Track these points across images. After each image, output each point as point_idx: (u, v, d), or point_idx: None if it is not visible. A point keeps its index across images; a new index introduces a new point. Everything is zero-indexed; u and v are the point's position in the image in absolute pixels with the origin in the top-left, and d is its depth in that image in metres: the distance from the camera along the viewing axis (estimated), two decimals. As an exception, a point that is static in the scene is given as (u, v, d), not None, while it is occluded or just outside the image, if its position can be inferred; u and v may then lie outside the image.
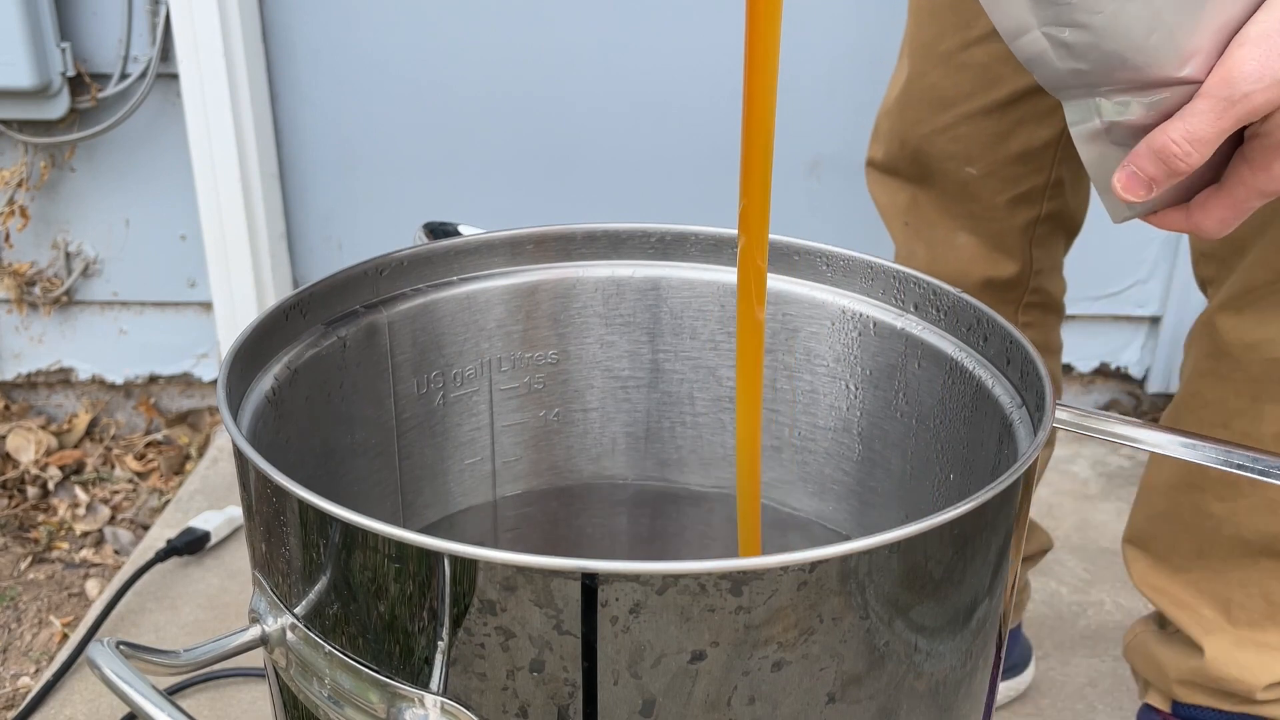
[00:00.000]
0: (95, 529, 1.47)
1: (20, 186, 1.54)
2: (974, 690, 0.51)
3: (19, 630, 1.29)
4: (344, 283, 0.64)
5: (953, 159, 0.90)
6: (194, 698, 1.10)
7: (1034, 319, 0.98)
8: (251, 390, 0.58)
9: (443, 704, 0.45)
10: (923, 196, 0.94)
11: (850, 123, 1.57)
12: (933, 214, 0.94)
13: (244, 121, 1.51)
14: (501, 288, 0.71)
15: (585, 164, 1.59)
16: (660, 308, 0.73)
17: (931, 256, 0.95)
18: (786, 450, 0.74)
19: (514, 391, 0.73)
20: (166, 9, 1.45)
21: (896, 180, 0.96)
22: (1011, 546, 0.50)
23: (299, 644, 0.49)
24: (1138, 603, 1.25)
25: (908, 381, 0.66)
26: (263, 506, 0.48)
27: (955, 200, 0.92)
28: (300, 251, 1.66)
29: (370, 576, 0.44)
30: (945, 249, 0.94)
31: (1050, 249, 0.96)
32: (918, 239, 0.96)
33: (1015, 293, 0.96)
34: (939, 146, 0.90)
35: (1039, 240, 0.94)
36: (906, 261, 0.96)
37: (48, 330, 1.66)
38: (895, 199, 0.96)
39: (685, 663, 0.42)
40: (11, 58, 1.40)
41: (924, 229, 0.95)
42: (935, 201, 0.93)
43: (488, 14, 1.51)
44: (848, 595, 0.43)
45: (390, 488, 0.70)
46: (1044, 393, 0.53)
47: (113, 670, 0.47)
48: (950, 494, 0.64)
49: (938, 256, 0.95)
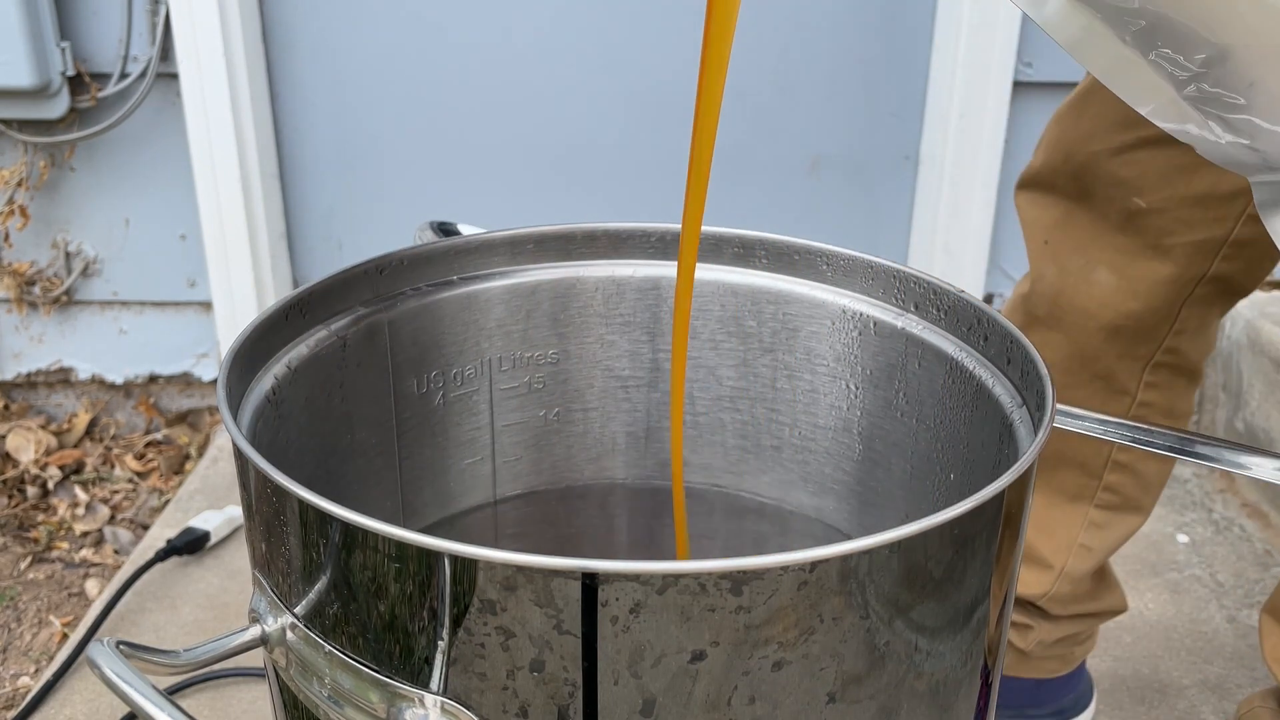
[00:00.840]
0: (95, 529, 1.47)
1: (20, 186, 1.54)
2: (974, 690, 0.51)
3: (19, 630, 1.29)
4: (344, 283, 0.64)
5: (1121, 185, 0.79)
6: (194, 698, 1.10)
7: (1161, 380, 0.87)
8: (251, 390, 0.58)
9: (443, 704, 0.45)
10: (1075, 218, 0.84)
11: (850, 123, 1.57)
12: (1080, 239, 0.84)
13: (244, 121, 1.51)
14: (501, 288, 0.71)
15: (585, 164, 1.59)
16: (660, 307, 0.73)
17: (1061, 285, 0.85)
18: (786, 450, 0.74)
19: (514, 391, 0.73)
20: (166, 9, 1.45)
21: (1050, 195, 0.86)
22: (1012, 545, 0.50)
23: (299, 644, 0.49)
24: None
25: (908, 381, 0.66)
26: (263, 506, 0.48)
27: (1110, 232, 0.82)
28: (300, 251, 1.66)
29: (370, 576, 0.44)
30: (1078, 280, 0.84)
31: (1203, 310, 0.84)
32: (1051, 261, 0.86)
33: (1145, 347, 0.85)
34: (1108, 169, 0.80)
35: (1196, 299, 0.83)
36: (1035, 282, 0.88)
37: (47, 330, 1.66)
38: (1043, 214, 0.86)
39: (685, 662, 0.42)
40: (11, 57, 1.40)
41: (1064, 253, 0.85)
42: (1087, 228, 0.83)
43: (488, 14, 1.51)
44: (848, 595, 0.43)
45: (390, 488, 0.70)
46: (1044, 392, 0.53)
47: (112, 670, 0.47)
48: (950, 494, 0.64)
49: (1067, 286, 0.85)
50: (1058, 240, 0.85)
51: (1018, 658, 1.01)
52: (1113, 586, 1.01)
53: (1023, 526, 0.51)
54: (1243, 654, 1.18)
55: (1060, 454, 0.92)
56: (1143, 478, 0.93)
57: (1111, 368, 0.87)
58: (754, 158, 1.56)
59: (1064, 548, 0.94)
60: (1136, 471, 0.92)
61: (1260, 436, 1.46)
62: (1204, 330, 0.87)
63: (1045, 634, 0.99)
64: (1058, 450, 0.92)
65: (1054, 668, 1.02)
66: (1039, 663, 1.02)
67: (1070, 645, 1.02)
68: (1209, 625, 1.22)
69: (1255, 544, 1.37)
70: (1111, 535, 0.95)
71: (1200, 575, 1.31)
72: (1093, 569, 0.96)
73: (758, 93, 1.52)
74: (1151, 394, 0.88)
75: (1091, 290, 0.84)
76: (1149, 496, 0.95)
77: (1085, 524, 0.94)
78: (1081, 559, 0.94)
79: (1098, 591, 0.99)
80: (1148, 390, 0.87)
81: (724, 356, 0.73)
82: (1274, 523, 1.41)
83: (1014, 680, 1.03)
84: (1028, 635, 0.99)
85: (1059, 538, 0.94)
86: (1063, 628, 0.99)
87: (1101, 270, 0.83)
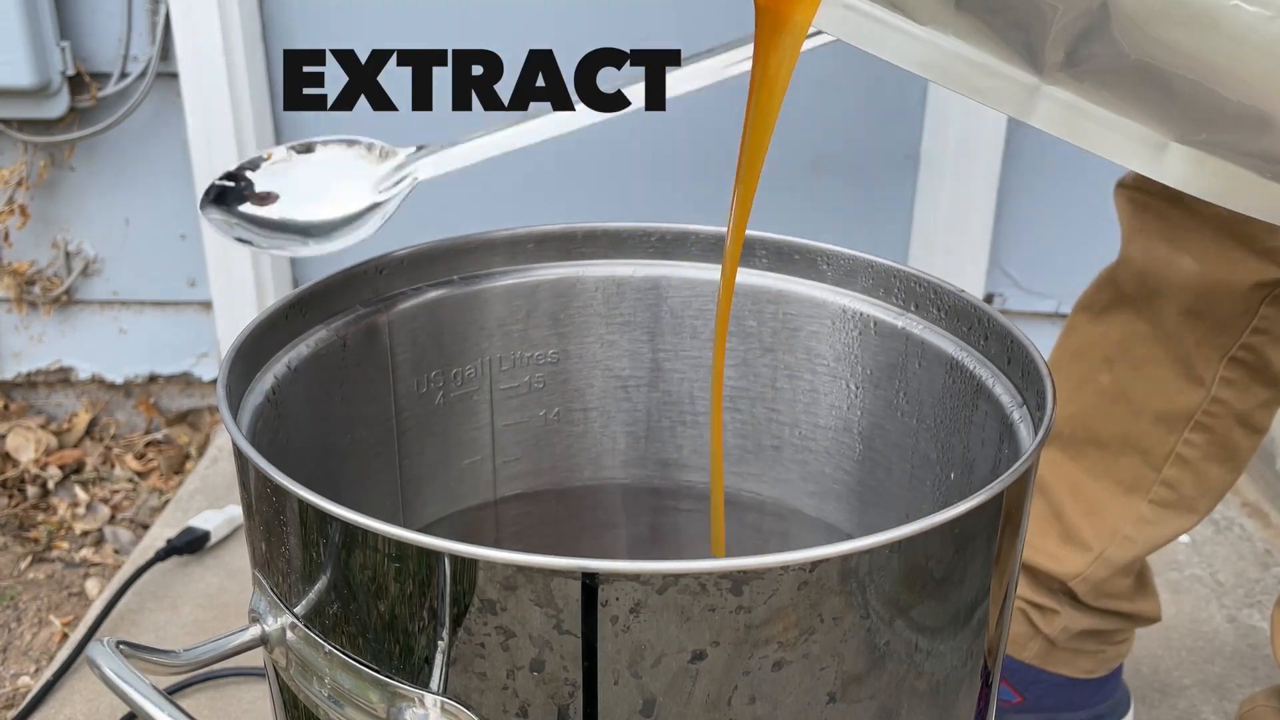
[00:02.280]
0: (95, 528, 1.47)
1: (20, 185, 1.54)
2: (974, 690, 0.51)
3: (19, 630, 1.29)
4: (344, 282, 0.64)
5: None
6: (194, 698, 1.10)
7: (1238, 378, 0.88)
8: (251, 390, 0.58)
9: (443, 703, 0.45)
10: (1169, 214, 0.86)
11: (850, 123, 1.57)
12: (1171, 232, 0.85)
13: (244, 121, 1.51)
14: (501, 287, 0.71)
15: (585, 164, 1.59)
16: (660, 307, 0.73)
17: (1146, 266, 0.87)
18: (787, 450, 0.74)
19: (514, 391, 0.73)
20: (166, 8, 1.45)
21: (1145, 194, 0.88)
22: (1012, 545, 0.50)
23: (299, 643, 0.49)
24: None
25: (908, 381, 0.66)
26: (263, 506, 0.48)
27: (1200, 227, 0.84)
28: (300, 251, 1.66)
29: (370, 576, 0.44)
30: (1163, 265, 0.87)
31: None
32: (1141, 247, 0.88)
33: (1224, 338, 0.87)
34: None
35: (1276, 299, 0.84)
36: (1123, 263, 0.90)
37: (47, 330, 1.66)
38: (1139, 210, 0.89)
39: (685, 662, 0.42)
40: (11, 57, 1.40)
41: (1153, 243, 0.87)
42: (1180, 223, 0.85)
43: (488, 14, 1.51)
44: (848, 595, 0.43)
45: (390, 488, 0.70)
46: (1045, 392, 0.53)
47: (112, 669, 0.47)
48: (950, 493, 0.64)
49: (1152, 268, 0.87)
50: (1151, 230, 0.88)
51: (1045, 647, 0.99)
52: (1150, 593, 1.00)
53: (1023, 526, 0.51)
54: (1243, 654, 1.18)
55: (1125, 438, 0.92)
56: (1204, 479, 0.92)
57: (1190, 353, 0.88)
58: (754, 157, 1.56)
59: (1107, 534, 0.93)
60: (1199, 471, 0.91)
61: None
62: None
63: (1071, 621, 0.97)
64: (1125, 432, 0.92)
65: (1088, 667, 1.00)
66: (1068, 657, 0.99)
67: (1101, 642, 1.00)
68: (1209, 625, 1.22)
69: (1256, 544, 1.37)
70: (1159, 532, 0.93)
71: (1201, 575, 1.31)
72: (1130, 561, 0.94)
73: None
74: (1227, 391, 0.88)
75: (1173, 275, 0.86)
76: (1205, 500, 0.93)
77: (1135, 518, 0.93)
78: (1122, 548, 0.93)
79: (1133, 593, 0.98)
80: (1223, 386, 0.88)
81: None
82: (1274, 522, 1.41)
83: (1045, 675, 1.00)
84: (1053, 621, 0.97)
85: (1106, 524, 0.93)
86: (1090, 619, 0.97)
87: (1186, 259, 0.85)
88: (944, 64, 0.50)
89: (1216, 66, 0.45)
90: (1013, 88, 0.50)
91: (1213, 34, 0.45)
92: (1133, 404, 0.91)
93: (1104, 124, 0.50)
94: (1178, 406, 0.90)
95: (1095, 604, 0.97)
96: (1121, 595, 0.97)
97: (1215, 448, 0.91)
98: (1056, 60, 0.48)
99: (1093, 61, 0.48)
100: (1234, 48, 0.45)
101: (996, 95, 0.50)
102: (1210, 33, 0.45)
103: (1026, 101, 0.50)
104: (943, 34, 0.50)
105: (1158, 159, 0.50)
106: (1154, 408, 0.90)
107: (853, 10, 0.50)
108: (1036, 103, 0.50)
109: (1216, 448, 0.91)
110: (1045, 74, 0.49)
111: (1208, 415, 0.89)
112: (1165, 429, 0.90)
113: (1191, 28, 0.45)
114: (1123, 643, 1.02)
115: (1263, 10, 0.44)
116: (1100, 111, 0.49)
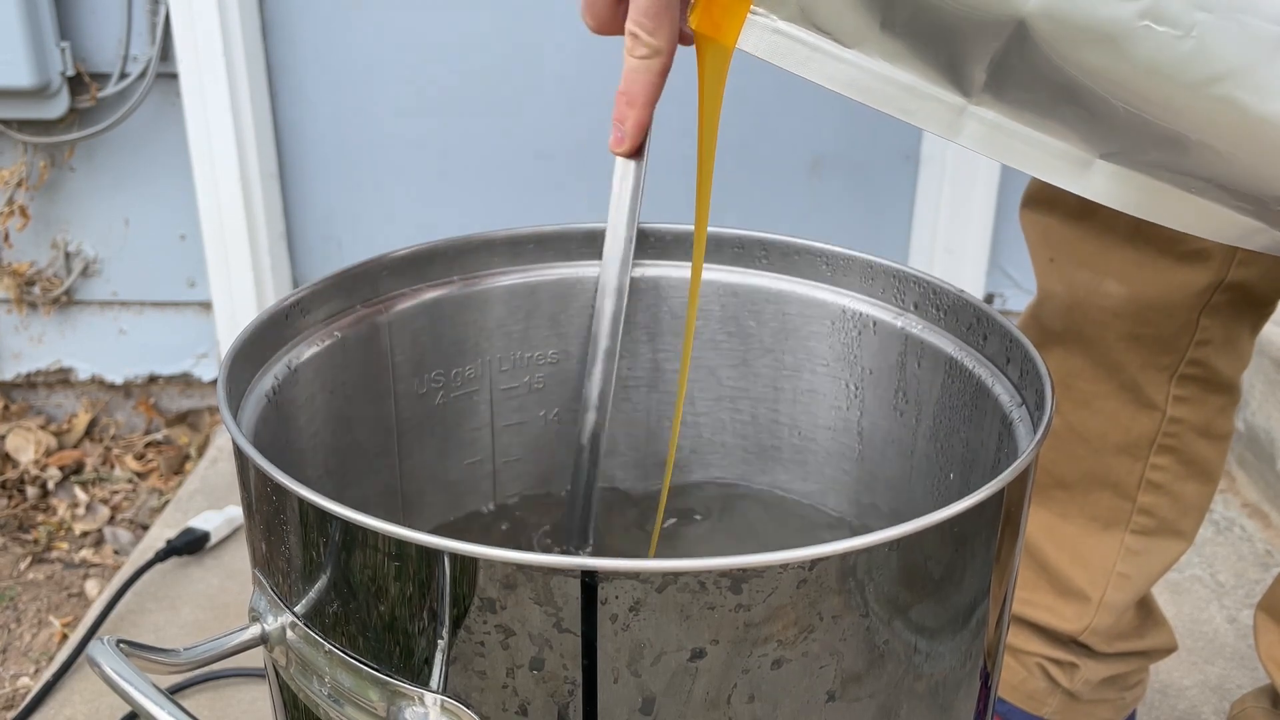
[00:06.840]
0: (95, 529, 1.47)
1: (20, 186, 1.54)
2: (973, 690, 0.51)
3: (19, 630, 1.29)
4: (344, 282, 0.64)
5: None
6: (194, 698, 1.10)
7: (1191, 395, 0.86)
8: (251, 390, 0.58)
9: (443, 702, 0.45)
10: (1080, 233, 0.83)
11: (850, 123, 1.57)
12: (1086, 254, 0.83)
13: (244, 121, 1.51)
14: (501, 288, 0.71)
15: (585, 164, 1.59)
16: (660, 307, 0.73)
17: (1071, 300, 0.85)
18: (786, 449, 0.74)
19: (514, 391, 0.73)
20: (166, 9, 1.45)
21: (1054, 212, 0.85)
22: (1012, 545, 0.50)
23: (299, 642, 0.49)
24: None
25: (908, 381, 0.66)
26: (263, 506, 0.48)
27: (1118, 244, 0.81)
28: (300, 251, 1.66)
29: (370, 575, 0.44)
30: (1088, 293, 0.84)
31: (1228, 322, 0.83)
32: (1059, 279, 0.86)
33: (1168, 357, 0.84)
34: None
35: (1215, 308, 0.82)
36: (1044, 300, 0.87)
37: (47, 330, 1.66)
38: (1047, 231, 0.86)
39: (685, 661, 0.42)
40: (11, 57, 1.40)
41: (1070, 269, 0.85)
42: (1094, 241, 0.83)
43: (488, 14, 1.51)
44: (847, 594, 0.43)
45: (390, 488, 0.70)
46: (1044, 391, 0.53)
47: (113, 668, 0.47)
48: (950, 493, 0.64)
49: (1078, 300, 0.85)
50: (1064, 256, 0.85)
51: (1066, 701, 0.96)
52: (1160, 624, 0.98)
53: (1022, 526, 0.51)
54: (1243, 654, 1.18)
55: (1092, 474, 0.89)
56: (1180, 500, 0.89)
57: (1136, 379, 0.85)
58: (754, 158, 1.56)
59: (1101, 577, 0.91)
60: (1173, 493, 0.89)
61: (1260, 436, 1.46)
62: (1233, 344, 0.85)
63: (1092, 673, 0.94)
64: (1090, 470, 0.89)
65: (1107, 716, 0.98)
66: (1090, 708, 0.97)
67: (1120, 689, 0.97)
68: (1209, 625, 1.22)
69: (1256, 544, 1.37)
70: (1151, 562, 0.91)
71: (1201, 575, 1.31)
72: (1133, 599, 0.92)
73: (758, 93, 1.52)
74: (1182, 409, 0.86)
75: (1103, 302, 0.83)
76: (1188, 520, 0.91)
77: (1122, 551, 0.90)
78: (1120, 588, 0.91)
79: (1144, 628, 0.95)
80: (1177, 405, 0.86)
81: (724, 356, 0.73)
82: (1274, 523, 1.41)
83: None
84: (1074, 675, 0.95)
85: (1095, 566, 0.91)
86: (1110, 666, 0.95)
87: (1110, 282, 0.83)
88: (872, 86, 0.51)
89: (1131, 87, 0.46)
90: (940, 108, 0.50)
91: (1126, 54, 0.45)
92: (1089, 441, 0.88)
93: (1029, 142, 0.50)
94: (1135, 435, 0.87)
95: (1111, 650, 0.94)
96: (1133, 634, 0.95)
97: (1184, 465, 0.88)
98: (980, 81, 0.49)
99: (1015, 82, 0.48)
100: (1147, 67, 0.45)
101: (924, 116, 0.51)
102: (1123, 53, 0.45)
103: (954, 121, 0.50)
104: (869, 57, 0.51)
105: (1083, 175, 0.51)
106: (1113, 440, 0.87)
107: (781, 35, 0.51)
108: (964, 123, 0.50)
109: (1185, 465, 0.88)
110: (971, 94, 0.50)
111: (1168, 436, 0.87)
112: (1130, 458, 0.88)
113: (1105, 48, 0.45)
114: (1137, 685, 1.00)
115: (1171, 30, 0.44)
116: (1025, 130, 0.50)
